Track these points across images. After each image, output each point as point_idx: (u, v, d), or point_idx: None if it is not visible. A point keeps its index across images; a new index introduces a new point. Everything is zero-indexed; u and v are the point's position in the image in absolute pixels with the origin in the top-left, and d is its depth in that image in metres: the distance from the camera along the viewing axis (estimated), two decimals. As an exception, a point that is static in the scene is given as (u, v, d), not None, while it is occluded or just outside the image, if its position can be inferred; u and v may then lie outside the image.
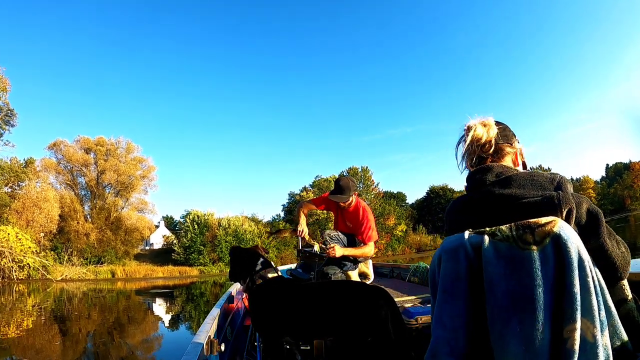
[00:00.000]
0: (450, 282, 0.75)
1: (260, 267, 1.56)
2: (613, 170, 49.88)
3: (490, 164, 0.89)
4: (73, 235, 24.81)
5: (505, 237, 0.72)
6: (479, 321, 0.72)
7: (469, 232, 0.77)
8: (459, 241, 0.77)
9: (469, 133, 0.90)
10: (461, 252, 0.75)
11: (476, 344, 0.72)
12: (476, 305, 0.72)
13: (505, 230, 0.73)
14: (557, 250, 0.68)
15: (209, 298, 11.49)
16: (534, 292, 0.67)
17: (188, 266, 25.60)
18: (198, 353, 1.08)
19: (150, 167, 30.23)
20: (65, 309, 9.71)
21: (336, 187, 2.43)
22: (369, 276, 2.66)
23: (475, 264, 0.74)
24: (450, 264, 0.76)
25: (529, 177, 0.81)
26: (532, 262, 0.68)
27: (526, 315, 0.67)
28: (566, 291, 0.66)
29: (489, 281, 0.71)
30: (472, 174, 0.90)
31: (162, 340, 5.85)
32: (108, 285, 17.65)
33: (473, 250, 0.74)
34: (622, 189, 40.96)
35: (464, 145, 0.92)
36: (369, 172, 33.79)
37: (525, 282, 0.68)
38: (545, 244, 0.69)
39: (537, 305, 0.67)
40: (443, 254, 0.78)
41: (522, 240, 0.70)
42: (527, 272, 0.68)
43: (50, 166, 27.18)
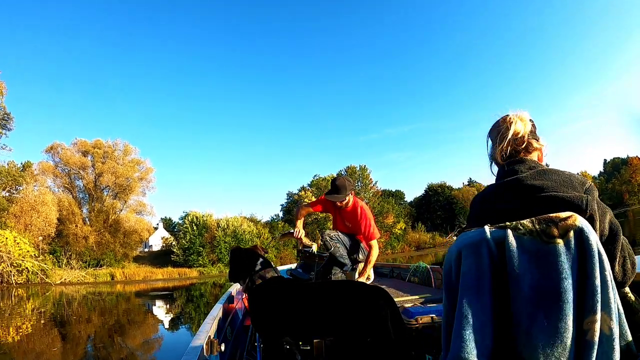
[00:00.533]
0: (474, 279, 0.72)
1: (260, 267, 1.56)
2: (611, 166, 50.10)
3: (522, 157, 0.90)
4: (72, 239, 24.69)
5: (529, 231, 0.72)
6: (503, 317, 0.71)
7: (489, 227, 0.76)
8: (481, 236, 0.74)
9: (510, 127, 0.89)
10: (484, 247, 0.73)
11: (501, 341, 0.70)
12: (500, 301, 0.71)
13: (528, 224, 0.73)
14: (579, 244, 0.69)
15: (208, 299, 11.47)
16: (560, 285, 0.67)
17: (187, 267, 25.54)
18: (198, 353, 1.08)
19: (148, 169, 30.13)
20: (65, 313, 9.67)
21: (332, 187, 2.44)
22: (369, 276, 2.66)
23: (497, 259, 0.72)
24: (473, 260, 0.73)
25: (562, 174, 0.82)
26: (558, 255, 0.69)
27: (553, 308, 0.67)
28: (587, 284, 0.67)
29: (514, 276, 0.70)
30: (504, 166, 0.90)
31: (162, 341, 5.84)
32: (107, 288, 17.59)
33: (495, 245, 0.73)
34: (620, 184, 41.16)
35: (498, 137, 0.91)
36: (367, 171, 33.80)
37: (551, 275, 0.68)
38: (569, 237, 0.69)
39: (563, 298, 0.67)
40: (464, 250, 0.75)
41: (546, 234, 0.70)
42: (553, 266, 0.68)
43: (48, 169, 27.02)
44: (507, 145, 0.90)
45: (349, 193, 2.45)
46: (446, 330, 0.78)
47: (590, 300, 0.66)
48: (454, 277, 0.77)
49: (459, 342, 0.70)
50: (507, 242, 0.72)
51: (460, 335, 0.71)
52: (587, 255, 0.68)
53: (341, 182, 2.44)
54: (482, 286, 0.72)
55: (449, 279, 0.79)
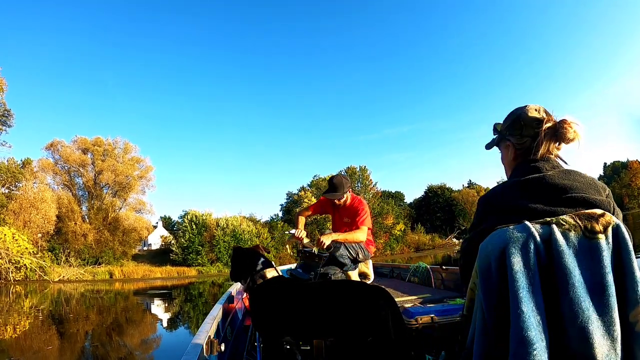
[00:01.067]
0: (526, 277, 0.70)
1: (261, 267, 1.56)
2: (611, 169, 50.19)
3: (543, 155, 0.89)
4: (71, 236, 24.66)
5: (573, 227, 0.72)
6: (555, 316, 0.71)
7: (530, 223, 0.74)
8: (527, 232, 0.73)
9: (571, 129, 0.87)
10: (531, 243, 0.71)
11: (555, 340, 0.70)
12: (551, 298, 0.71)
13: (570, 220, 0.73)
14: (617, 239, 0.72)
15: (207, 298, 11.46)
16: (605, 279, 0.69)
17: (186, 266, 25.51)
18: (198, 353, 1.08)
19: (147, 167, 30.11)
20: (63, 310, 9.66)
21: (330, 186, 2.45)
22: (369, 276, 2.66)
23: (544, 256, 0.72)
24: (522, 257, 0.71)
25: (585, 176, 0.84)
26: (601, 250, 0.71)
27: (603, 303, 0.68)
28: (627, 277, 0.70)
29: (565, 272, 0.70)
30: (526, 162, 0.89)
31: (160, 340, 5.83)
32: (106, 286, 17.56)
33: (542, 241, 0.72)
34: (620, 188, 41.22)
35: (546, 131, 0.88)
36: (367, 172, 33.81)
37: (597, 270, 0.70)
38: (608, 233, 0.72)
39: (609, 292, 0.69)
40: (511, 247, 0.72)
41: (589, 230, 0.72)
42: (598, 261, 0.70)
43: (48, 167, 26.99)
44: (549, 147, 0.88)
45: (347, 190, 2.46)
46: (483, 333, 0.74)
47: (633, 293, 0.69)
48: (495, 276, 0.73)
49: (526, 347, 0.67)
50: (555, 238, 0.72)
51: (523, 338, 0.67)
52: (625, 250, 0.71)
53: (338, 180, 2.45)
54: (534, 284, 0.70)
55: (488, 277, 0.75)
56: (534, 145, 0.89)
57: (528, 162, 0.89)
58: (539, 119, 0.90)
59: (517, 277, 0.70)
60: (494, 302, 0.73)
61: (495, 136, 1.03)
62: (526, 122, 0.91)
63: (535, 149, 0.89)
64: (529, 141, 0.91)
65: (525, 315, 0.68)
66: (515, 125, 0.93)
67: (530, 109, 0.92)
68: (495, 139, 1.03)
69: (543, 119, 0.89)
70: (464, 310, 0.84)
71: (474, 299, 0.80)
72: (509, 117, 0.97)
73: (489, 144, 1.05)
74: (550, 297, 0.71)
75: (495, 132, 1.03)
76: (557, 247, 0.71)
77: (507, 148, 0.97)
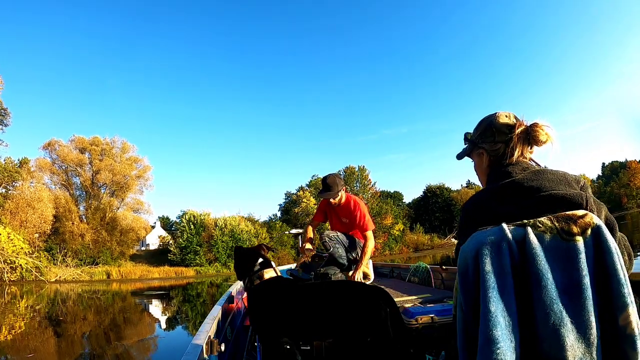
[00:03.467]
0: (498, 278, 0.71)
1: (259, 268, 1.55)
2: (609, 169, 50.38)
3: (517, 160, 0.90)
4: (68, 236, 24.52)
5: (549, 229, 0.72)
6: (526, 317, 0.71)
7: (506, 225, 0.75)
8: (501, 234, 0.73)
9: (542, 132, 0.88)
10: (504, 245, 0.72)
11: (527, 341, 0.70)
12: (523, 300, 0.71)
13: (547, 222, 0.73)
14: (597, 241, 0.70)
15: (205, 299, 11.42)
16: (582, 282, 0.68)
17: (184, 267, 25.43)
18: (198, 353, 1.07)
19: (145, 167, 30.00)
20: (60, 311, 9.60)
21: (324, 186, 2.48)
22: (369, 276, 2.66)
23: (517, 258, 0.72)
24: (494, 259, 0.72)
25: (556, 173, 0.84)
26: (578, 252, 0.70)
27: (578, 306, 0.68)
28: (613, 279, 0.68)
29: (538, 274, 0.69)
30: (498, 168, 0.91)
31: (158, 341, 5.80)
32: (103, 287, 17.47)
33: (516, 244, 0.72)
34: (618, 188, 41.42)
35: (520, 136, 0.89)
36: (365, 172, 33.86)
37: (572, 273, 0.69)
38: (588, 235, 0.71)
39: (585, 295, 0.68)
40: (484, 249, 0.73)
41: (566, 232, 0.71)
42: (574, 263, 0.69)
43: (45, 166, 26.83)
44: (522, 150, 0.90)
45: (341, 189, 2.49)
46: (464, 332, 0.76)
47: (620, 296, 0.68)
48: (471, 277, 0.75)
49: (490, 345, 0.68)
50: (529, 240, 0.71)
51: (489, 337, 0.68)
52: (607, 252, 0.70)
53: (331, 179, 2.48)
54: (506, 285, 0.71)
55: (466, 279, 0.77)
56: (508, 151, 0.91)
57: (500, 167, 0.91)
58: (511, 124, 0.92)
59: (488, 277, 0.72)
60: (471, 302, 0.75)
61: (467, 145, 1.03)
62: (498, 128, 0.93)
63: (510, 153, 0.90)
64: (502, 147, 0.92)
65: (492, 314, 0.69)
66: (487, 132, 0.95)
67: (501, 115, 0.94)
68: (467, 148, 1.03)
69: (514, 124, 0.91)
70: (454, 310, 0.86)
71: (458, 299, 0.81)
72: (480, 125, 0.98)
73: (461, 153, 1.06)
74: (524, 299, 0.71)
75: (467, 140, 1.03)
76: (530, 249, 0.71)
77: (481, 156, 0.98)
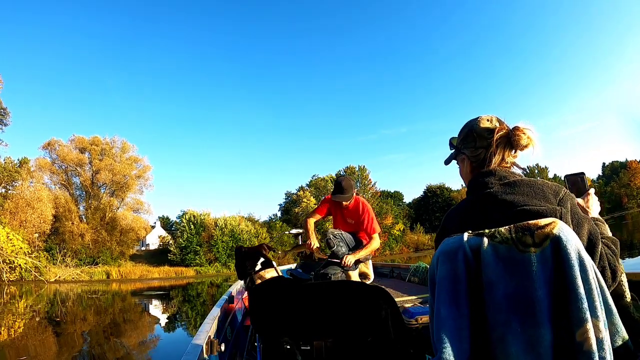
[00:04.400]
0: (450, 284, 0.74)
1: (260, 268, 1.56)
2: (609, 169, 50.32)
3: (494, 167, 0.88)
4: (68, 236, 24.51)
5: (505, 239, 0.72)
6: (479, 324, 0.72)
7: (467, 234, 0.77)
8: (458, 243, 0.76)
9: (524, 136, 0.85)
10: (460, 253, 0.75)
11: (478, 346, 0.72)
12: (476, 307, 0.73)
13: (505, 232, 0.73)
14: (556, 252, 0.68)
15: (205, 299, 11.42)
16: (533, 294, 0.67)
17: (184, 267, 25.43)
18: (198, 353, 1.07)
19: (145, 167, 29.99)
20: (59, 311, 9.59)
21: (338, 188, 2.47)
22: (369, 276, 2.66)
23: (473, 266, 0.73)
24: (449, 266, 0.75)
25: (534, 185, 0.81)
26: (531, 264, 0.68)
27: (527, 317, 0.67)
28: (571, 294, 0.66)
29: (489, 283, 0.71)
30: (476, 177, 0.89)
31: (158, 341, 5.80)
32: (103, 287, 17.46)
33: (472, 252, 0.74)
34: (619, 188, 41.36)
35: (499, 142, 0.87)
36: (366, 171, 33.87)
37: (525, 284, 0.68)
38: (545, 246, 0.68)
39: (538, 307, 0.67)
40: (441, 256, 0.77)
41: (521, 243, 0.70)
42: (526, 275, 0.68)
43: (45, 166, 26.82)
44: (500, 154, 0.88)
45: (354, 192, 2.51)
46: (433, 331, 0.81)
47: (578, 311, 0.65)
48: (432, 279, 0.81)
49: (439, 344, 0.72)
50: (482, 249, 0.73)
51: (439, 337, 0.73)
52: (566, 264, 0.67)
53: (347, 182, 2.50)
54: (458, 291, 0.73)
55: (432, 282, 0.81)
56: (488, 156, 0.89)
57: (477, 176, 0.89)
58: (491, 128, 0.89)
59: (441, 282, 0.76)
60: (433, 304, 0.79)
61: (452, 151, 1.02)
62: (478, 133, 0.91)
63: (489, 159, 0.88)
64: (483, 152, 0.90)
65: (442, 316, 0.72)
66: (468, 137, 0.93)
67: (482, 119, 0.92)
68: (452, 154, 1.02)
69: (495, 129, 0.89)
70: None
71: None
72: (462, 130, 0.97)
73: (447, 159, 1.05)
74: (477, 305, 0.73)
75: (452, 146, 1.02)
76: (483, 259, 0.72)
77: (463, 161, 0.97)
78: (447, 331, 0.72)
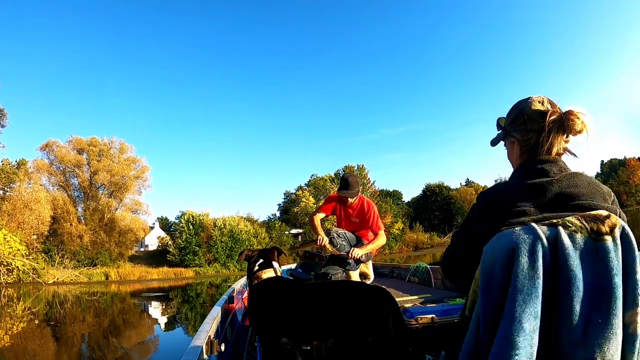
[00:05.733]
0: (529, 280, 0.68)
1: (258, 268, 1.57)
2: (608, 166, 50.46)
3: (554, 156, 0.84)
4: (66, 238, 24.40)
5: (579, 228, 0.70)
6: (550, 320, 0.69)
7: (535, 224, 0.72)
8: (533, 233, 0.70)
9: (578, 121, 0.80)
10: (538, 245, 0.69)
11: (548, 345, 0.69)
12: (549, 303, 0.69)
13: (576, 222, 0.71)
14: (623, 241, 0.70)
15: (204, 299, 11.40)
16: (612, 282, 0.67)
17: (183, 267, 25.37)
18: (198, 353, 1.07)
19: (144, 168, 29.87)
20: (58, 313, 9.55)
21: (345, 184, 2.47)
22: (369, 276, 2.66)
23: (549, 259, 0.69)
24: (527, 259, 0.68)
25: (592, 182, 0.81)
26: (607, 252, 0.69)
27: (606, 306, 0.67)
28: (630, 278, 0.69)
29: (570, 275, 0.68)
30: (533, 162, 0.84)
31: (158, 342, 5.79)
32: (102, 288, 17.40)
33: (548, 244, 0.70)
34: (617, 185, 41.46)
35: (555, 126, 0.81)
36: (365, 171, 33.87)
37: (603, 273, 0.68)
38: (615, 234, 0.70)
39: (615, 295, 0.67)
40: (520, 248, 0.69)
41: (595, 232, 0.70)
42: (604, 263, 0.68)
43: (43, 167, 26.69)
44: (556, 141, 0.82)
45: (360, 189, 2.54)
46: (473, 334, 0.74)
47: (632, 294, 0.68)
48: (500, 276, 0.71)
49: (509, 350, 0.66)
50: (561, 240, 0.69)
51: (509, 342, 0.66)
52: (630, 251, 0.70)
53: (353, 179, 2.51)
54: (536, 288, 0.68)
55: (490, 278, 0.72)
56: (540, 141, 0.84)
57: (535, 162, 0.84)
58: (543, 111, 0.84)
59: (520, 280, 0.68)
60: (493, 303, 0.71)
61: (500, 132, 0.96)
62: (530, 116, 0.85)
63: (544, 146, 0.83)
64: (534, 136, 0.85)
65: (517, 320, 0.66)
66: (518, 120, 0.88)
67: (534, 101, 0.86)
68: (499, 134, 0.96)
69: (547, 112, 0.83)
70: (466, 311, 0.82)
71: (475, 301, 0.78)
72: (512, 111, 0.91)
73: (494, 139, 0.99)
74: (550, 302, 0.69)
75: (499, 127, 0.95)
76: (563, 249, 0.69)
77: (512, 144, 0.91)
78: (523, 334, 0.65)
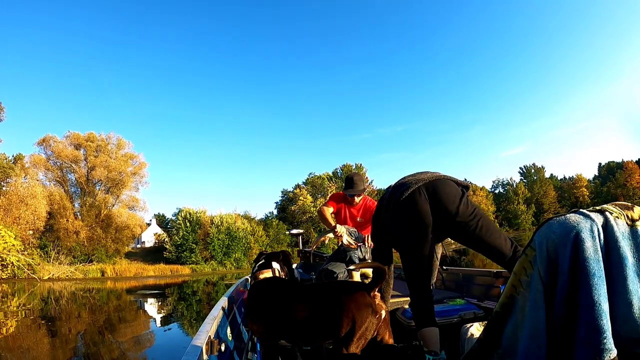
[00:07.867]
0: (596, 263, 0.72)
1: (256, 269, 1.58)
2: (606, 169, 50.72)
3: None
4: (62, 233, 24.24)
5: (620, 215, 0.77)
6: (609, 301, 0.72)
7: (586, 211, 0.78)
8: (589, 219, 0.75)
9: None
10: (595, 230, 0.74)
11: None
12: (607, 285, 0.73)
13: (615, 209, 0.78)
14: None
15: (201, 297, 11.38)
16: None
17: (180, 264, 25.32)
18: (198, 353, 1.06)
19: (141, 164, 29.74)
20: (53, 309, 9.50)
21: (350, 183, 2.48)
22: (369, 276, 2.66)
23: (602, 243, 0.75)
24: (592, 243, 0.73)
25: None
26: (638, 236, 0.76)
27: None
28: None
29: (620, 258, 0.73)
30: None
31: (154, 340, 5.77)
32: (97, 285, 17.32)
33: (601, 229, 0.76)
34: (615, 188, 41.86)
35: None
36: (362, 170, 33.94)
37: (638, 254, 0.75)
38: None
39: None
40: (581, 233, 0.72)
41: (629, 218, 0.77)
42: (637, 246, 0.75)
43: (40, 162, 26.48)
44: None
45: (364, 187, 2.55)
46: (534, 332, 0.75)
47: None
48: (568, 262, 0.73)
49: (598, 335, 0.67)
50: (611, 225, 0.75)
51: (596, 327, 0.67)
52: None
53: (358, 177, 2.52)
54: (601, 270, 0.72)
55: (554, 267, 0.75)
56: None
57: None
58: None
59: (591, 264, 0.71)
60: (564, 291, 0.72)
61: None
62: None
63: None
64: None
65: (597, 303, 0.68)
66: None
67: None
68: None
69: None
70: (498, 308, 0.82)
71: (514, 297, 0.78)
72: None
73: None
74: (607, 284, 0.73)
75: None
76: (613, 233, 0.75)
77: None
78: (605, 319, 0.68)
